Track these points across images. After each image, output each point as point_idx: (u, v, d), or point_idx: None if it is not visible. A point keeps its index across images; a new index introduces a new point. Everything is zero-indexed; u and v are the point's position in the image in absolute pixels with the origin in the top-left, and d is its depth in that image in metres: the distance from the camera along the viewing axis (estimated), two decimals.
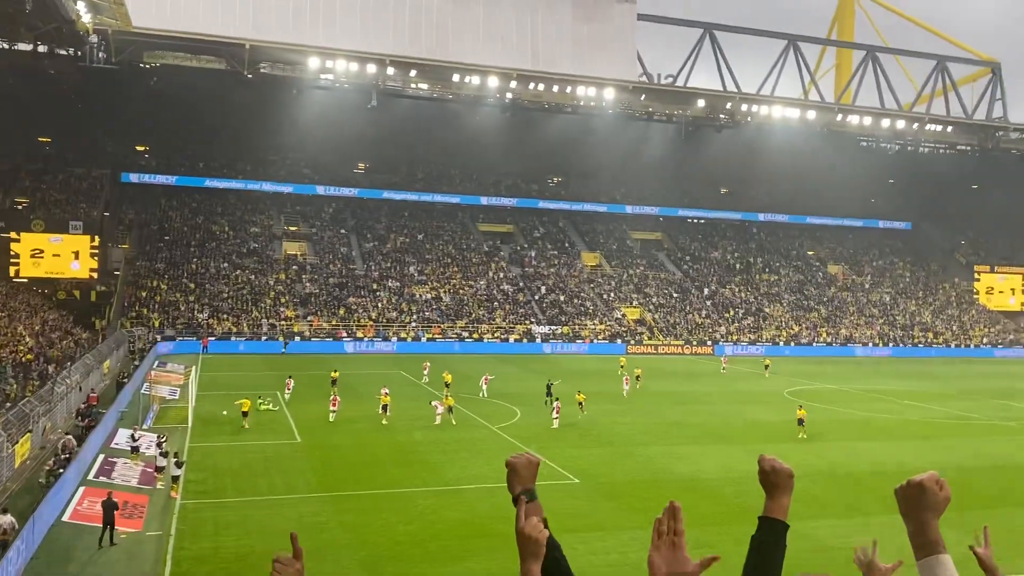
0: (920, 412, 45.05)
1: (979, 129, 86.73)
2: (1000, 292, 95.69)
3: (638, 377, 52.23)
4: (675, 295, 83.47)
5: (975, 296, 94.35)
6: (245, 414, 35.07)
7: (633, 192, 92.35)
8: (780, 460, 2.67)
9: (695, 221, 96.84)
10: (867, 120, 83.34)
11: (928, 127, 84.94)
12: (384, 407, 36.64)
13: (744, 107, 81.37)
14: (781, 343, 77.90)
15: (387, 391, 37.93)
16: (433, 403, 38.04)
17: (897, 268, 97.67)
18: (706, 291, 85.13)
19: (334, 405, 36.92)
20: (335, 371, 45.45)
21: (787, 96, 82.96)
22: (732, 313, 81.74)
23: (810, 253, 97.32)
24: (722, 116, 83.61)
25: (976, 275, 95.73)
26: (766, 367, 60.23)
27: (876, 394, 51.45)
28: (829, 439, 36.50)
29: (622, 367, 56.36)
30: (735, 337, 77.37)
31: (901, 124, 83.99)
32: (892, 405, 47.38)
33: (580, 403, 39.11)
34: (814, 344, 78.77)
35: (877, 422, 41.65)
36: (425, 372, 51.12)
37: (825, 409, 45.30)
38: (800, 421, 36.12)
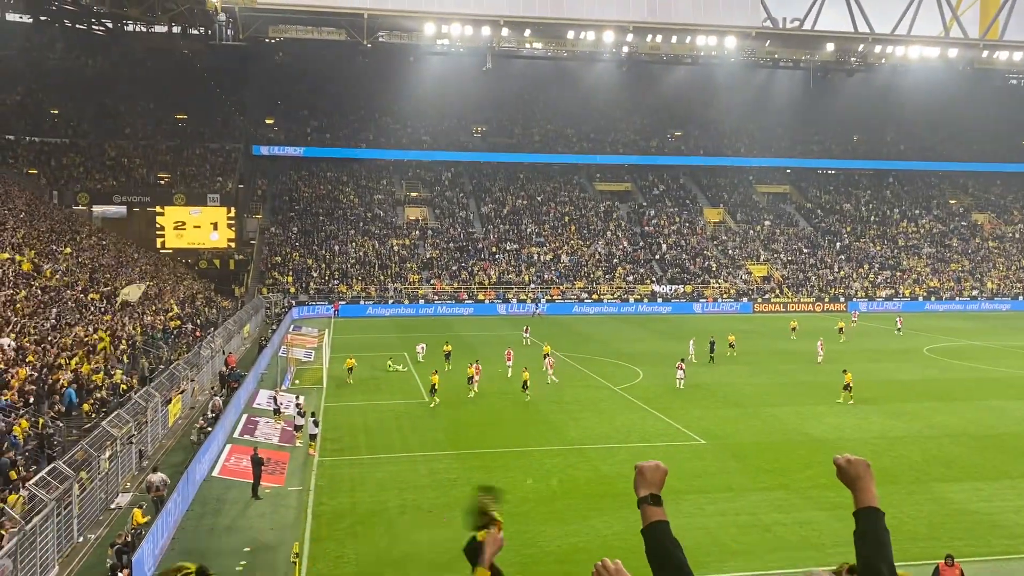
0: None
1: None
2: None
3: (794, 329, 53.41)
4: (805, 250, 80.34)
5: None
6: (350, 370, 37.45)
7: (758, 143, 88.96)
8: (851, 455, 2.77)
9: (826, 172, 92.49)
10: (1017, 55, 76.87)
11: None
12: (469, 379, 34.72)
13: (877, 49, 76.67)
14: (920, 298, 73.84)
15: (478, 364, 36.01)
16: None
17: None
18: (838, 245, 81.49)
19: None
20: (447, 344, 42.69)
21: (925, 35, 77.48)
22: (867, 267, 78.02)
23: (952, 202, 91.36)
24: (853, 59, 79.09)
25: None
26: (840, 330, 52.45)
27: None
28: (972, 398, 34.50)
29: (794, 329, 53.73)
30: (870, 293, 73.90)
31: None
32: None
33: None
34: (956, 299, 74.24)
35: None
36: (526, 334, 50.13)
37: (968, 367, 42.81)
38: (847, 386, 33.22)
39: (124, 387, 28.23)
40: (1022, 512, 20.51)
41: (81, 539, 18.61)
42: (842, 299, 72.20)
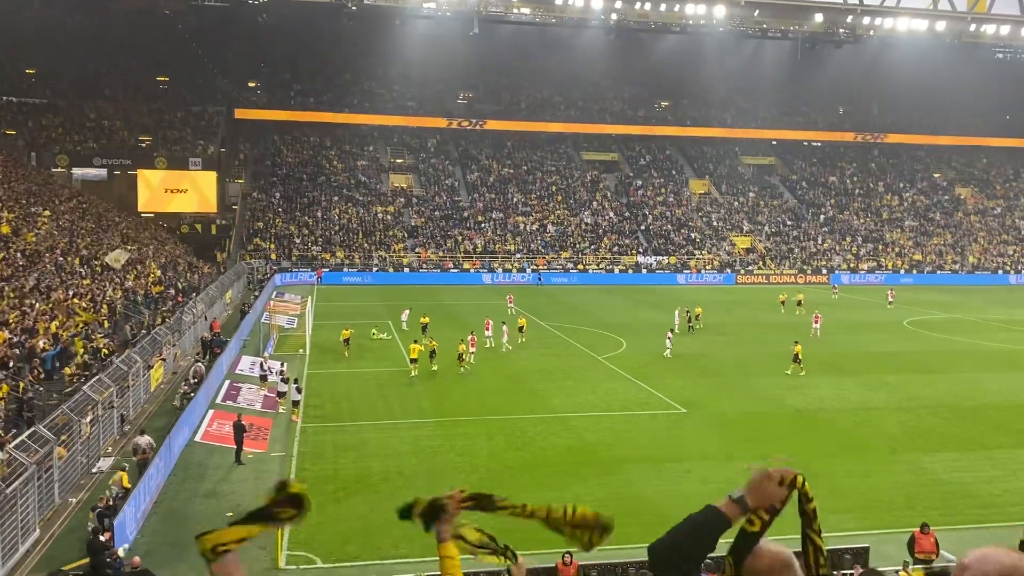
0: None
1: None
2: None
3: (783, 302, 52.69)
4: (789, 222, 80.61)
5: None
6: (346, 341, 36.41)
7: (745, 115, 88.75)
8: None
9: (811, 144, 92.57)
10: (1005, 29, 76.86)
11: None
12: (431, 353, 33.24)
13: (866, 20, 76.46)
14: (902, 271, 74.38)
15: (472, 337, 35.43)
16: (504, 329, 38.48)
17: None
18: (822, 218, 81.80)
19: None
20: (425, 316, 41.73)
21: (914, 7, 77.25)
22: (850, 240, 78.42)
23: (936, 175, 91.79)
24: (842, 31, 78.86)
25: None
26: (799, 303, 51.57)
27: (1005, 324, 48.65)
28: (950, 371, 34.94)
29: (783, 302, 52.67)
30: (853, 265, 74.36)
31: None
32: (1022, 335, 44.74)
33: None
34: (938, 272, 74.83)
35: (1004, 353, 39.46)
36: (510, 305, 49.73)
37: (947, 339, 43.30)
38: (796, 357, 33.48)
39: (105, 351, 28.05)
40: (995, 482, 20.88)
41: (62, 502, 18.59)
42: (824, 271, 72.63)
